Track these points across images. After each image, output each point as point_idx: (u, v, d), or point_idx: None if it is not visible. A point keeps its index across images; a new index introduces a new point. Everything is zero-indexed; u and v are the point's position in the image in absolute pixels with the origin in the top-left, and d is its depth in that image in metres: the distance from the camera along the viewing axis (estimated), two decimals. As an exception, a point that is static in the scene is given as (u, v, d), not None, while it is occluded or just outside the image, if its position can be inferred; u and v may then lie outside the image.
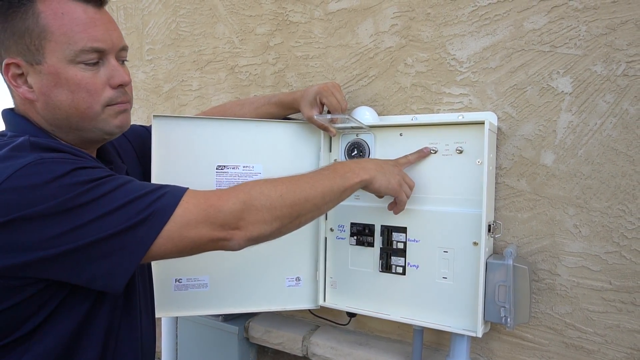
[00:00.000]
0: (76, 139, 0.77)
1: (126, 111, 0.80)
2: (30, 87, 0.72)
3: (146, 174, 1.03)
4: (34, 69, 0.71)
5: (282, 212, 0.76)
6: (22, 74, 0.72)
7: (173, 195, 0.70)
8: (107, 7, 0.78)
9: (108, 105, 0.76)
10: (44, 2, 0.69)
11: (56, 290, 0.68)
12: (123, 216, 0.65)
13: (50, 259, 0.63)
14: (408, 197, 0.99)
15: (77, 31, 0.70)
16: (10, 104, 0.79)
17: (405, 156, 1.02)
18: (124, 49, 0.78)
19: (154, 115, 1.03)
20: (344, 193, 0.86)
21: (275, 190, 0.76)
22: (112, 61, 0.75)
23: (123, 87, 0.77)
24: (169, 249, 0.68)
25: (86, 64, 0.72)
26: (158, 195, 0.69)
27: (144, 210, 0.66)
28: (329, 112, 1.10)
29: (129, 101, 0.81)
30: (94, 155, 0.84)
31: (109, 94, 0.75)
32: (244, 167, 1.11)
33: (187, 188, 0.73)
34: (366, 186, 0.91)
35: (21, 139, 0.69)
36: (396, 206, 1.00)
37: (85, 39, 0.71)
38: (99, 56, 0.73)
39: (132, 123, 1.10)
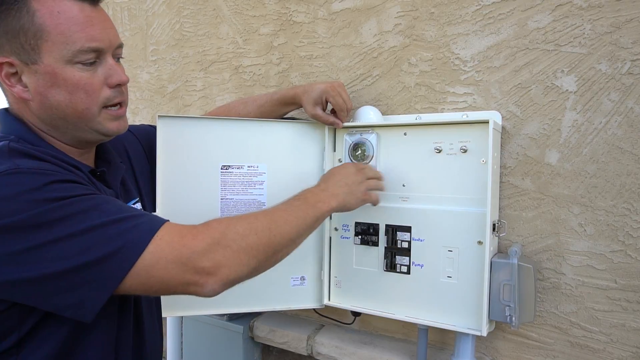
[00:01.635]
0: (72, 138, 0.76)
1: (123, 117, 0.79)
2: (25, 86, 0.71)
3: (154, 172, 1.03)
4: (29, 69, 0.69)
5: (258, 251, 0.72)
6: (15, 73, 0.70)
7: (148, 227, 0.65)
8: (111, 8, 0.78)
9: (105, 107, 0.75)
10: (38, 0, 0.68)
11: (29, 310, 0.65)
12: (93, 240, 0.61)
13: (14, 282, 0.60)
14: (377, 188, 1.01)
15: (74, 31, 0.69)
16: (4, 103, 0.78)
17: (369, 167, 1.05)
18: (120, 46, 0.77)
19: (158, 116, 1.04)
20: (316, 222, 0.85)
21: (250, 227, 0.71)
22: (109, 60, 0.74)
23: (120, 86, 0.76)
24: (136, 286, 0.64)
25: (84, 64, 0.71)
26: (133, 224, 0.64)
27: (114, 239, 0.62)
28: (332, 111, 1.10)
29: (125, 102, 0.79)
30: (92, 154, 0.83)
31: (106, 93, 0.74)
32: (248, 166, 1.11)
33: (167, 221, 0.68)
34: (339, 210, 0.92)
35: (1, 143, 0.67)
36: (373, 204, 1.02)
37: (83, 38, 0.69)
38: (97, 56, 0.72)
39: (138, 123, 1.11)
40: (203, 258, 0.66)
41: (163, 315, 1.05)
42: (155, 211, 1.02)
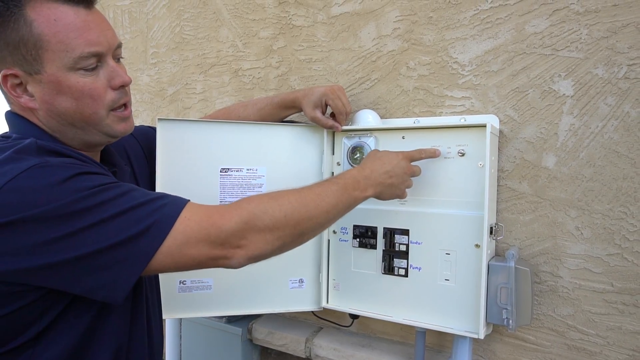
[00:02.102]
0: (79, 142, 0.77)
1: (130, 117, 0.81)
2: (31, 95, 0.72)
3: (154, 174, 1.04)
4: (33, 79, 0.70)
5: (284, 233, 0.74)
6: (20, 84, 0.71)
7: (174, 206, 0.69)
8: (112, 11, 0.78)
9: (112, 110, 0.76)
10: (33, 8, 0.68)
11: (57, 298, 0.68)
12: (124, 223, 0.65)
13: (50, 267, 0.62)
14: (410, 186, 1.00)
15: (72, 37, 0.69)
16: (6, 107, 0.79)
17: (419, 151, 0.98)
18: (119, 46, 0.78)
19: (158, 118, 1.05)
20: (349, 209, 0.85)
21: (279, 209, 0.74)
22: (110, 62, 0.75)
23: (124, 87, 0.77)
24: (168, 264, 0.67)
25: (86, 70, 0.72)
26: (160, 204, 0.68)
27: (145, 219, 0.66)
28: (332, 115, 1.11)
29: (130, 101, 0.81)
30: (98, 157, 0.85)
31: (111, 96, 0.75)
32: (247, 169, 1.12)
33: (188, 200, 0.72)
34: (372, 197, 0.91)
35: (27, 141, 0.69)
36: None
37: (82, 44, 0.70)
38: (97, 60, 0.73)
39: (137, 124, 1.12)
40: (231, 236, 0.70)
41: (162, 317, 1.05)
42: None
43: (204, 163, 1.09)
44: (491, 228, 0.98)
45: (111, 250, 0.64)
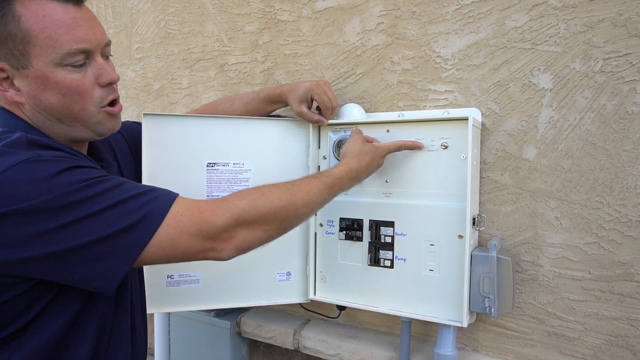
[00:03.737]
0: (65, 138, 0.77)
1: (118, 115, 0.81)
2: (17, 90, 0.72)
3: (140, 169, 1.04)
4: (20, 73, 0.70)
5: (272, 227, 0.78)
6: (7, 78, 0.71)
7: (165, 198, 0.71)
8: (95, 5, 0.78)
9: (102, 107, 0.77)
10: (22, 4, 0.68)
11: (47, 288, 0.69)
12: (116, 216, 0.66)
13: (43, 258, 0.63)
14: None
15: (61, 33, 0.69)
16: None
17: (400, 146, 1.03)
18: (108, 44, 0.78)
19: (144, 114, 1.05)
20: (330, 200, 0.90)
21: (270, 206, 0.77)
22: (98, 60, 0.75)
23: (111, 84, 0.77)
24: (159, 256, 0.69)
25: (73, 66, 0.72)
26: (151, 197, 0.69)
27: (137, 211, 0.67)
28: (318, 109, 1.12)
29: (118, 98, 0.81)
30: (85, 152, 0.85)
31: (99, 93, 0.75)
32: (234, 164, 1.12)
33: (178, 194, 0.73)
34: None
35: (17, 135, 0.69)
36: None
37: (70, 41, 0.70)
38: (85, 56, 0.73)
39: (123, 120, 1.11)
40: (223, 231, 0.73)
41: (149, 312, 1.06)
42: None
43: (191, 158, 1.10)
44: (474, 219, 1.00)
45: (103, 242, 0.65)
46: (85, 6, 0.75)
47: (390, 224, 1.07)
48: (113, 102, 0.79)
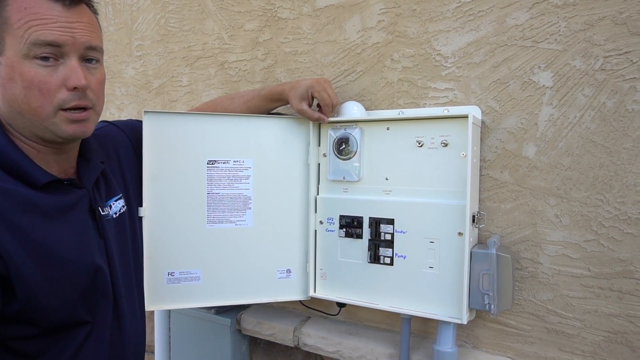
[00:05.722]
0: (32, 136, 0.75)
1: (84, 121, 0.75)
2: None
3: (142, 168, 1.04)
4: None
5: None
6: None
7: None
8: (96, 6, 0.78)
9: (62, 110, 0.72)
10: None
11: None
12: None
13: None
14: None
15: (33, 25, 0.68)
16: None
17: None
18: (92, 48, 0.74)
19: (145, 111, 1.05)
20: None
21: None
22: (72, 62, 0.72)
23: (78, 90, 0.72)
24: None
25: (41, 59, 0.69)
26: None
27: None
28: (318, 107, 1.12)
29: (88, 106, 0.75)
30: (74, 152, 0.83)
31: (63, 95, 0.72)
32: (234, 161, 1.12)
33: None
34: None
35: None
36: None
37: (38, 32, 0.68)
38: (55, 52, 0.70)
39: (124, 119, 1.11)
40: None
41: (150, 309, 1.06)
42: (142, 205, 1.03)
43: (191, 155, 1.10)
44: (473, 216, 1.00)
45: None
46: (77, 9, 0.72)
47: (390, 222, 1.07)
48: (81, 109, 0.74)
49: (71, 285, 0.74)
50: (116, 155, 0.98)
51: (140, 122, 1.08)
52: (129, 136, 1.03)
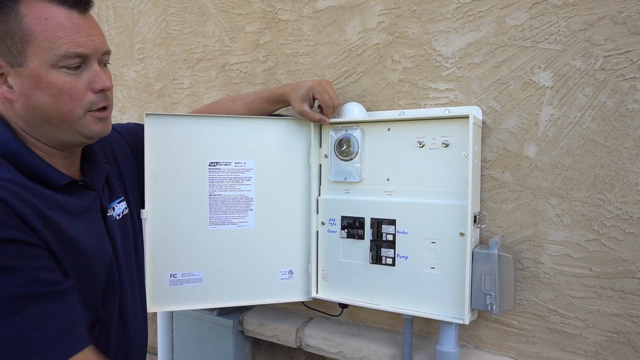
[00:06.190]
0: (54, 141, 0.78)
1: (107, 119, 0.81)
2: (10, 87, 0.73)
3: (142, 170, 1.04)
4: (14, 71, 0.71)
5: None
6: (2, 74, 0.72)
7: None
8: (96, 6, 0.79)
9: (90, 111, 0.77)
10: (27, 5, 0.70)
11: None
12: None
13: None
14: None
15: (60, 37, 0.71)
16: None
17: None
18: (107, 53, 0.79)
19: (146, 114, 1.05)
20: None
21: None
22: (94, 66, 0.76)
23: (104, 91, 0.78)
24: None
25: (68, 69, 0.73)
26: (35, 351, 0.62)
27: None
28: (319, 108, 1.12)
29: (110, 106, 0.81)
30: (78, 156, 0.85)
31: (90, 98, 0.76)
32: (236, 163, 1.13)
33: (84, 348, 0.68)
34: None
35: None
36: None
37: (68, 44, 0.71)
38: (81, 61, 0.74)
39: (125, 122, 1.12)
40: None
41: (152, 311, 1.07)
42: (143, 208, 1.04)
43: (193, 157, 1.10)
44: (475, 217, 1.00)
45: None
46: (89, 15, 0.76)
47: (392, 222, 1.08)
48: (103, 108, 0.79)
49: (92, 280, 0.77)
50: (115, 158, 0.98)
51: (140, 125, 1.09)
52: (127, 140, 1.04)
